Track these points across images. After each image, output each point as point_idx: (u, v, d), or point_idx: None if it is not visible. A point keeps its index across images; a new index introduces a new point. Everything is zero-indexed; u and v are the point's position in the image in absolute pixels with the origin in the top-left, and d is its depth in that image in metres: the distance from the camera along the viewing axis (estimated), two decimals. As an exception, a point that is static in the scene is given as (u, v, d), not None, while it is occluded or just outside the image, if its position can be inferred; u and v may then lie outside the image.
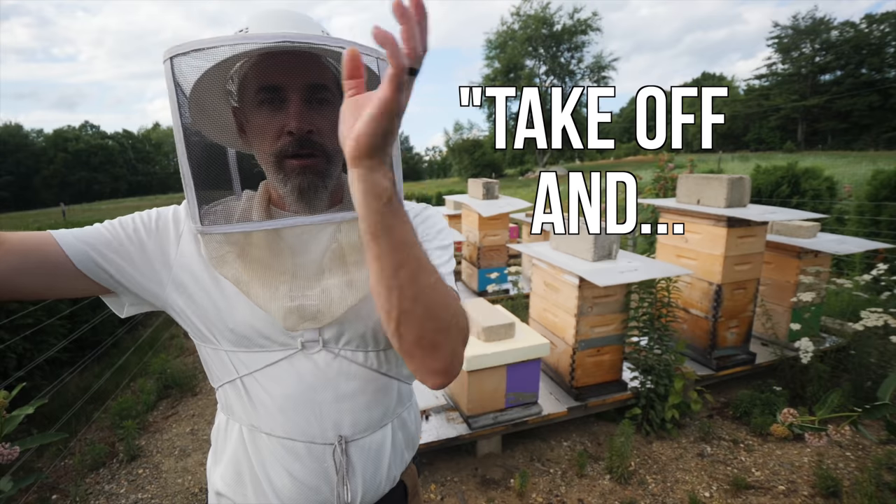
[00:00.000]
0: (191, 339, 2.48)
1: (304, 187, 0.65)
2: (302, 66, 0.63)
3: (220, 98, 0.70)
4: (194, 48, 0.57)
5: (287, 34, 0.57)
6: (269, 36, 0.56)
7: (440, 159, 73.05)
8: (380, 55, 0.61)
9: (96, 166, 53.62)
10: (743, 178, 2.85)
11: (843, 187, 6.24)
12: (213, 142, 0.73)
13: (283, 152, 0.64)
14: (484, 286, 4.73)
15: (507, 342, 2.33)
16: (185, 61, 0.59)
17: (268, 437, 0.71)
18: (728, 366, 2.94)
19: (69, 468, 2.53)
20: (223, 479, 0.77)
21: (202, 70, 0.62)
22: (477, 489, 2.21)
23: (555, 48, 38.17)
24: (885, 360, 2.61)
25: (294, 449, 0.71)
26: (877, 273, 3.05)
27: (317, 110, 0.65)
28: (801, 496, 2.10)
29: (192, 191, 0.61)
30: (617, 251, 2.67)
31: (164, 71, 0.58)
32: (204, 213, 0.63)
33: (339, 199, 0.75)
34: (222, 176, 0.77)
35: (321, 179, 0.66)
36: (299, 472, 0.71)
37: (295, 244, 0.70)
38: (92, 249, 0.66)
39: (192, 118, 0.65)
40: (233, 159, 0.81)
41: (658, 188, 5.40)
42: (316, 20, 0.69)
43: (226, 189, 0.78)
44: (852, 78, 40.34)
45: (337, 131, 0.63)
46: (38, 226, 3.73)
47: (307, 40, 0.57)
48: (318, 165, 0.66)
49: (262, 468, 0.72)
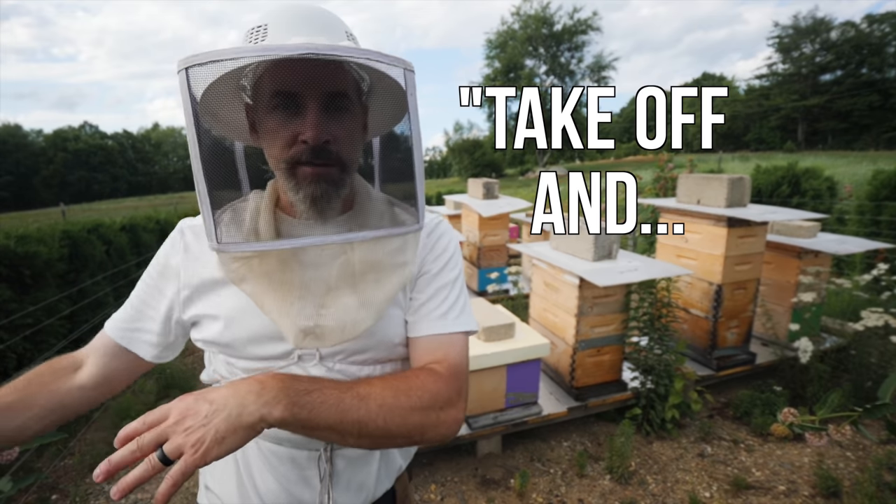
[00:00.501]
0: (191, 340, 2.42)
1: (318, 196, 0.63)
2: (322, 75, 0.59)
3: (233, 94, 0.66)
4: (212, 59, 0.51)
5: (311, 46, 0.52)
6: (292, 47, 0.52)
7: (440, 159, 73.03)
8: (406, 66, 0.58)
9: (96, 166, 53.63)
10: (743, 178, 2.85)
11: (843, 187, 6.24)
12: (228, 147, 0.71)
13: (297, 159, 0.61)
14: (484, 286, 4.73)
15: (507, 342, 2.33)
16: (201, 72, 0.54)
17: (254, 440, 0.71)
18: (728, 366, 2.93)
19: (69, 468, 2.52)
20: (211, 475, 0.78)
21: (218, 75, 0.58)
22: (477, 489, 2.21)
23: (555, 48, 38.19)
24: (886, 360, 2.61)
25: (279, 454, 0.71)
26: (877, 273, 3.05)
27: (335, 119, 0.62)
28: (801, 496, 2.10)
29: (208, 210, 0.56)
30: (617, 251, 2.67)
31: (179, 82, 0.52)
32: (219, 229, 0.59)
33: (350, 206, 0.72)
34: (232, 179, 0.75)
35: (334, 188, 0.64)
36: (283, 478, 0.72)
37: (304, 257, 0.66)
38: (137, 331, 0.75)
39: (204, 116, 0.62)
40: (241, 157, 0.76)
41: (658, 188, 5.40)
42: (337, 17, 0.66)
43: (234, 189, 0.75)
44: (853, 78, 40.34)
45: (353, 138, 0.65)
46: (37, 225, 3.72)
47: (333, 52, 0.53)
48: (332, 174, 0.63)
49: (248, 470, 0.73)
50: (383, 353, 0.73)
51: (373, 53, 0.55)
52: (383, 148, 0.76)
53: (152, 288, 0.75)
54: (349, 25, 0.68)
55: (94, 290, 3.87)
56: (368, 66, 0.59)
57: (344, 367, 0.71)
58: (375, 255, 0.65)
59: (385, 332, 0.72)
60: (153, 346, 0.75)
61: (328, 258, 0.66)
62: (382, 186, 0.77)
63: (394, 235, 0.64)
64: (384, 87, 0.66)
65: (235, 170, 0.76)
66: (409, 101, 0.58)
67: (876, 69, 39.37)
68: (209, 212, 0.56)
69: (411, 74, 0.58)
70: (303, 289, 0.63)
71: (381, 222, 0.70)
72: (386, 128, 0.72)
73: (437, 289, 0.75)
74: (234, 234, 0.65)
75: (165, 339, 0.75)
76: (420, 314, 0.74)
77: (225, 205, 0.65)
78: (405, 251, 0.67)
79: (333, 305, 0.64)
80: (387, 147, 0.74)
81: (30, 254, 3.20)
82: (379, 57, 0.55)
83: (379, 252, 0.65)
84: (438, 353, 0.72)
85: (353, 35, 0.67)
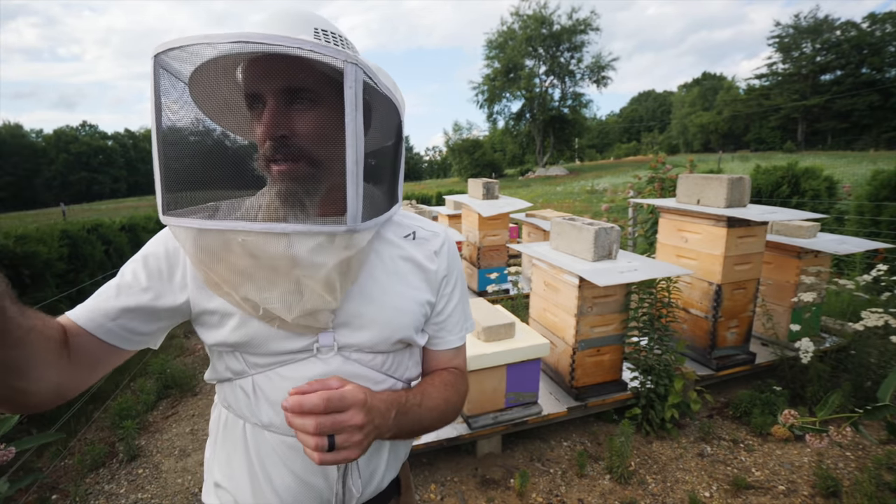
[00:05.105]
0: (191, 339, 2.49)
1: (285, 192, 0.62)
2: (274, 70, 0.60)
3: (241, 103, 0.67)
4: (170, 47, 0.56)
5: (242, 34, 0.53)
6: (224, 36, 0.53)
7: (440, 159, 73.10)
8: (347, 58, 0.56)
9: (96, 167, 53.62)
10: (743, 178, 2.84)
11: (842, 186, 6.24)
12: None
13: (266, 157, 0.63)
14: (484, 286, 4.73)
15: (507, 342, 2.33)
16: (169, 63, 0.59)
17: (271, 433, 0.72)
18: (728, 366, 2.93)
19: (69, 468, 2.52)
20: (221, 471, 0.78)
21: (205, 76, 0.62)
22: (477, 489, 2.21)
23: (554, 48, 38.20)
24: (886, 361, 2.61)
25: (296, 446, 0.71)
26: (877, 273, 3.04)
27: (297, 113, 0.62)
28: (801, 496, 2.10)
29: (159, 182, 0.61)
30: (617, 251, 2.66)
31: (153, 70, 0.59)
32: (164, 200, 0.62)
33: (334, 212, 0.67)
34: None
35: (301, 185, 0.63)
36: (300, 469, 0.72)
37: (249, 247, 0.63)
38: (117, 323, 0.68)
39: (220, 122, 0.67)
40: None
41: (655, 188, 5.39)
42: (320, 19, 0.66)
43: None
44: (853, 78, 40.36)
45: (325, 132, 0.63)
46: (37, 225, 3.72)
47: (263, 41, 0.52)
48: (297, 171, 0.62)
49: (262, 465, 0.73)
50: (396, 343, 0.76)
51: (305, 43, 0.54)
52: (329, 144, 0.68)
53: (153, 275, 0.70)
54: (351, 26, 0.65)
55: (93, 290, 3.81)
56: (309, 59, 0.57)
57: (359, 357, 0.73)
58: (298, 251, 0.62)
59: (400, 324, 0.74)
60: (143, 338, 0.71)
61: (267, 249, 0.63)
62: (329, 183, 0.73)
63: (314, 233, 0.61)
64: (329, 81, 0.63)
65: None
66: (347, 94, 0.56)
67: (876, 69, 39.39)
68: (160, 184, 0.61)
69: (353, 67, 0.56)
70: (243, 275, 0.63)
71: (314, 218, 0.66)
72: (339, 124, 0.63)
73: (456, 303, 0.84)
74: (190, 211, 0.64)
75: (157, 329, 0.73)
76: (446, 328, 0.83)
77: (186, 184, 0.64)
78: (329, 250, 0.64)
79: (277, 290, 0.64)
80: (329, 143, 0.66)
81: (29, 253, 3.20)
82: (314, 47, 0.54)
83: (303, 248, 0.62)
84: (457, 359, 0.86)
85: (338, 35, 0.65)
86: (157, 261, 0.71)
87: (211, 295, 0.69)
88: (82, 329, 0.66)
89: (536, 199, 15.58)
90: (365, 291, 0.72)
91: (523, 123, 40.41)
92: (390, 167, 0.73)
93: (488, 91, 38.96)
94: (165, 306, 0.70)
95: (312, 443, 0.55)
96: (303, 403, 0.55)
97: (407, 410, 0.69)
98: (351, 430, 0.57)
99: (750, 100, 47.27)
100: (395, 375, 0.78)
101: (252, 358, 0.71)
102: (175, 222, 0.60)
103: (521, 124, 40.58)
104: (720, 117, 49.27)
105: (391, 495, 0.84)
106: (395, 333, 0.74)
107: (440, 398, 0.77)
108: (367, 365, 0.74)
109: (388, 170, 0.72)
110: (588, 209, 12.16)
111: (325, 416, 0.56)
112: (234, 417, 0.75)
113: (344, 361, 0.72)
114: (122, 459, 2.59)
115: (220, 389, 0.78)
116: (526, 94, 38.06)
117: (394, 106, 0.68)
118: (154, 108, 0.59)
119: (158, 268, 0.71)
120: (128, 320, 0.68)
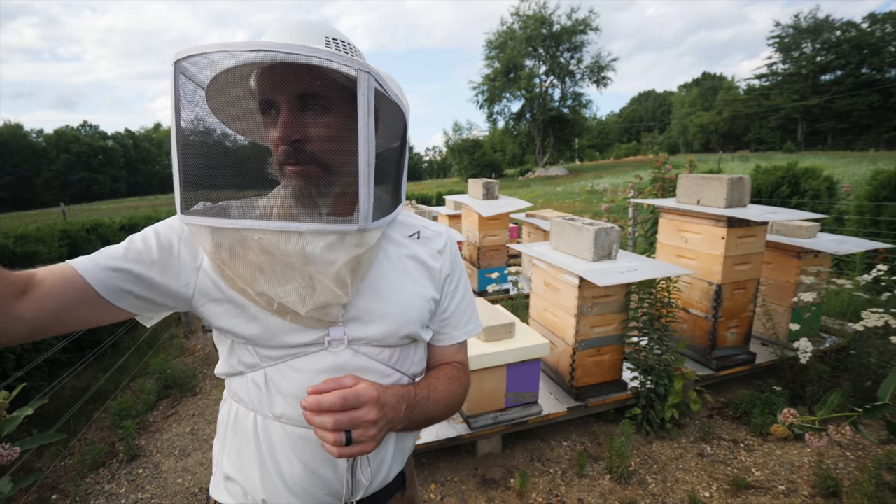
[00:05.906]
0: (191, 339, 2.50)
1: (298, 193, 0.66)
2: (288, 78, 0.63)
3: (255, 109, 0.71)
4: (191, 54, 0.59)
5: (261, 43, 0.57)
6: (243, 45, 0.57)
7: (440, 159, 73.05)
8: (361, 66, 0.59)
9: (97, 167, 53.61)
10: (743, 178, 2.85)
11: (841, 186, 6.24)
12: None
13: (280, 160, 0.66)
14: (484, 286, 4.73)
15: (507, 342, 2.33)
16: (188, 69, 0.62)
17: (281, 425, 0.74)
18: (728, 366, 2.93)
19: (69, 468, 2.53)
20: (231, 464, 0.79)
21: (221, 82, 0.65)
22: (477, 489, 2.21)
23: (554, 48, 38.19)
24: (885, 361, 2.61)
25: (307, 437, 0.73)
26: (877, 273, 3.05)
27: (310, 119, 0.66)
28: (801, 496, 2.10)
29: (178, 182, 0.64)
30: (617, 251, 2.67)
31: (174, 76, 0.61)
32: (184, 200, 0.65)
33: (345, 212, 0.72)
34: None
35: (314, 186, 0.66)
36: (310, 460, 0.73)
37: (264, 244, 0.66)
38: (116, 275, 0.66)
39: (240, 129, 0.72)
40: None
41: (656, 188, 5.39)
42: (329, 28, 0.69)
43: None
44: (853, 78, 40.36)
45: (334, 137, 0.66)
46: (36, 225, 3.73)
47: (282, 49, 0.56)
48: (309, 172, 0.66)
49: (273, 456, 0.74)
50: (403, 338, 0.78)
51: (322, 52, 0.57)
52: (341, 148, 0.73)
53: (164, 248, 0.71)
54: (352, 26, 0.68)
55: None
56: (324, 67, 0.60)
57: (368, 350, 0.75)
58: (312, 248, 0.65)
59: (407, 319, 0.77)
60: (142, 304, 0.71)
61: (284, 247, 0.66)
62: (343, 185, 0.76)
63: (328, 232, 0.65)
64: (340, 87, 0.67)
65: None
66: (360, 100, 0.59)
67: (876, 69, 39.39)
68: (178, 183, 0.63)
69: (366, 75, 0.59)
70: (259, 271, 0.66)
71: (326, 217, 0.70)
72: (352, 129, 0.67)
73: (459, 300, 0.86)
74: (207, 209, 0.67)
75: (160, 305, 0.72)
76: (450, 325, 0.86)
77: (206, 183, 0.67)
78: (339, 248, 0.67)
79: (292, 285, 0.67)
80: (341, 147, 0.70)
81: (29, 253, 3.20)
82: (330, 56, 0.57)
83: (317, 246, 0.66)
84: (460, 354, 0.90)
85: (347, 43, 0.68)
86: (168, 239, 0.72)
87: (225, 287, 0.71)
88: (74, 270, 0.65)
89: (536, 200, 15.60)
90: (374, 287, 0.75)
91: (523, 123, 40.46)
92: (395, 168, 0.76)
93: (488, 91, 38.97)
94: (167, 284, 0.70)
95: (331, 438, 0.59)
96: (321, 402, 0.59)
97: (416, 404, 0.73)
98: (366, 425, 0.61)
99: (750, 100, 47.27)
100: (402, 370, 0.80)
101: (265, 351, 0.73)
102: (195, 221, 0.63)
103: (521, 124, 40.64)
104: (720, 117, 49.36)
105: (397, 489, 0.85)
106: (403, 328, 0.76)
107: (446, 391, 0.81)
108: (375, 358, 0.76)
109: (393, 171, 0.76)
110: (588, 209, 12.17)
111: (343, 414, 0.60)
112: (245, 410, 0.77)
113: (353, 354, 0.74)
114: (122, 459, 2.59)
115: (231, 384, 0.80)
116: (526, 95, 38.14)
117: (400, 111, 0.72)
118: (174, 112, 0.61)
119: (170, 243, 0.71)
120: (123, 280, 0.67)
